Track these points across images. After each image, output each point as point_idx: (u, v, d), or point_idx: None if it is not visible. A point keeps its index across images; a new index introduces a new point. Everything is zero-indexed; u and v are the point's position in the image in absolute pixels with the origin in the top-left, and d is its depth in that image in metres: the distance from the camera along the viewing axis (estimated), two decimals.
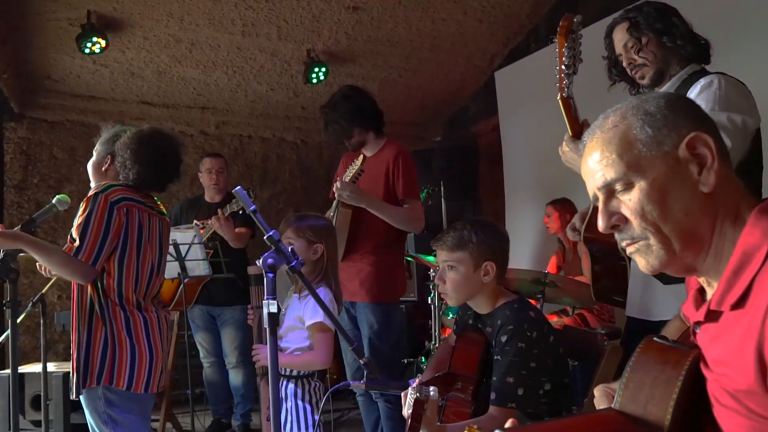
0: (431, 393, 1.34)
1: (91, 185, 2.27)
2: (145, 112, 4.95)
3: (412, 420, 1.32)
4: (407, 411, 1.43)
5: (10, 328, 2.07)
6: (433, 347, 3.53)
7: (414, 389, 1.36)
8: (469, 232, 1.76)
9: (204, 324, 3.89)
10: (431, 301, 3.34)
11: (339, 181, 2.60)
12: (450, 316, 3.34)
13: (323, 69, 4.66)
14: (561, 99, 1.79)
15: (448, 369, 1.76)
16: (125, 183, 2.16)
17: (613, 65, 1.98)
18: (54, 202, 2.26)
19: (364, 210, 2.66)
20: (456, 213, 5.21)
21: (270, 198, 5.58)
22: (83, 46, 3.87)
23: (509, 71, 5.14)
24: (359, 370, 2.75)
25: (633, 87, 1.99)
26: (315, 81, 4.70)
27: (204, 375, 3.99)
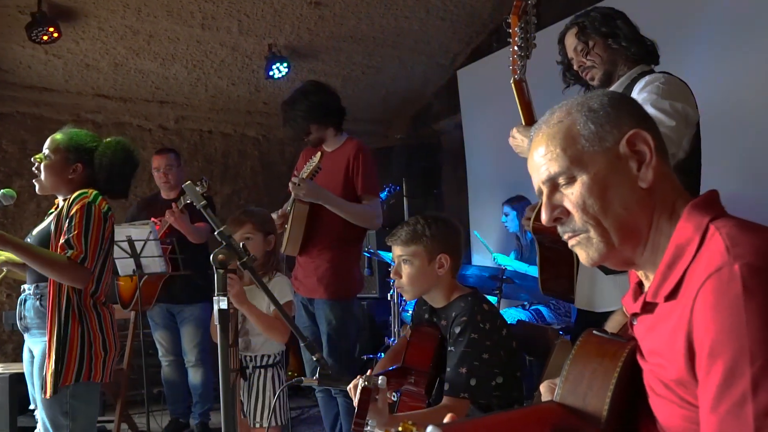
0: (379, 381, 1.35)
1: (41, 187, 2.22)
2: (102, 105, 4.83)
3: (358, 408, 1.32)
4: (355, 400, 1.43)
5: None
6: (393, 343, 3.54)
7: (362, 378, 1.36)
8: (423, 226, 1.78)
9: (163, 322, 3.82)
10: (391, 298, 3.35)
11: (295, 178, 2.59)
12: (410, 312, 3.36)
13: (285, 64, 4.62)
14: (514, 81, 1.84)
15: (402, 363, 1.77)
16: (101, 191, 2.20)
17: (567, 69, 2.05)
18: None
19: (321, 206, 2.65)
20: (418, 210, 5.22)
21: (231, 194, 5.51)
22: (34, 35, 3.74)
23: (472, 70, 5.19)
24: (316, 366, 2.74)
25: (587, 89, 2.05)
26: (276, 76, 4.66)
27: (162, 374, 3.92)
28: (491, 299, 2.47)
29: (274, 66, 4.60)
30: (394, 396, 1.65)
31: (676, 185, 0.99)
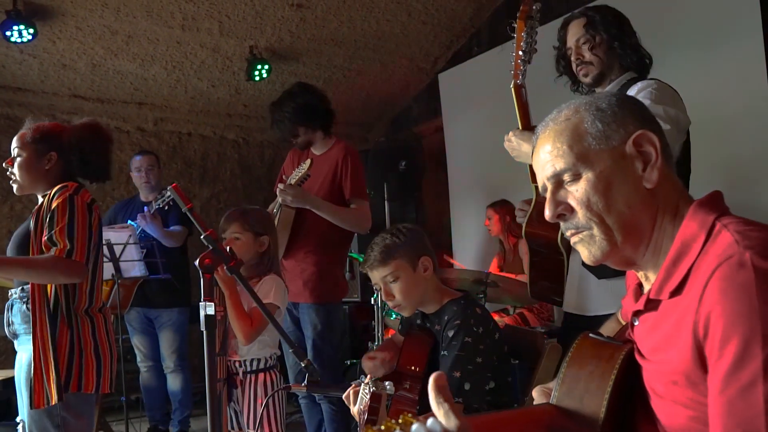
0: (387, 387, 1.33)
1: (19, 187, 2.13)
2: (78, 106, 4.73)
3: (369, 413, 1.29)
4: (359, 406, 1.41)
5: None
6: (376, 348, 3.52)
7: (370, 383, 1.34)
8: (391, 239, 1.78)
9: (141, 327, 3.75)
10: (374, 302, 3.33)
11: (282, 184, 2.55)
12: (393, 316, 3.34)
13: (266, 66, 4.58)
14: (514, 86, 1.82)
15: (395, 368, 1.75)
16: (81, 178, 2.11)
17: (561, 57, 2.02)
18: None
19: (307, 209, 2.63)
20: (398, 214, 5.23)
21: (210, 197, 5.44)
22: (8, 34, 3.65)
23: (452, 74, 5.21)
24: (301, 372, 2.71)
25: (574, 84, 2.05)
26: (257, 78, 4.62)
27: (141, 380, 3.85)
28: None
29: (255, 68, 4.56)
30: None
31: (678, 187, 1.01)
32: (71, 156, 2.10)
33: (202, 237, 1.49)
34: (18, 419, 2.23)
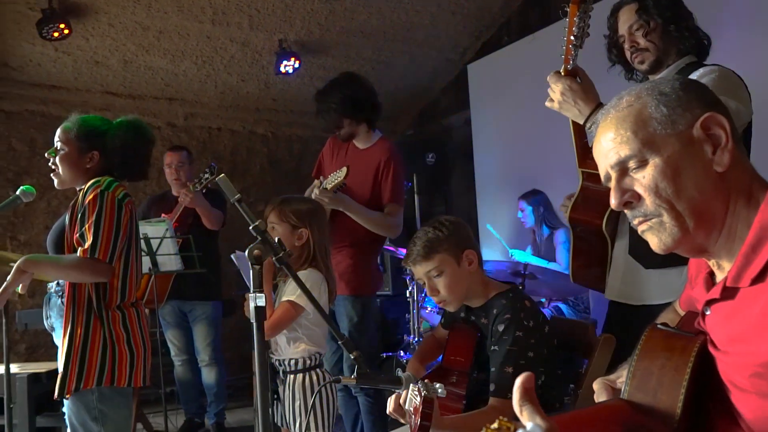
0: (440, 390, 1.29)
1: (59, 181, 2.14)
2: (110, 102, 4.78)
3: (422, 419, 1.26)
4: (408, 407, 1.39)
5: None
6: (413, 341, 3.51)
7: (420, 386, 1.30)
8: (434, 233, 1.73)
9: (175, 321, 3.78)
10: (409, 296, 3.31)
11: (318, 189, 2.51)
12: (429, 309, 3.32)
13: (295, 60, 4.58)
14: (564, 71, 1.74)
15: (441, 363, 1.73)
16: (118, 177, 2.09)
17: (613, 45, 1.93)
18: (18, 193, 2.16)
19: None
20: (427, 207, 5.20)
21: (239, 192, 5.42)
22: (45, 32, 3.70)
23: (481, 64, 5.15)
24: (337, 365, 2.70)
25: (628, 71, 1.97)
26: (287, 72, 4.61)
27: (175, 373, 3.88)
28: None
29: (284, 62, 4.55)
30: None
31: (750, 170, 0.97)
32: (113, 157, 2.10)
33: (251, 227, 1.47)
34: (64, 409, 2.27)
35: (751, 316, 0.88)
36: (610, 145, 0.99)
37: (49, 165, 2.14)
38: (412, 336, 3.45)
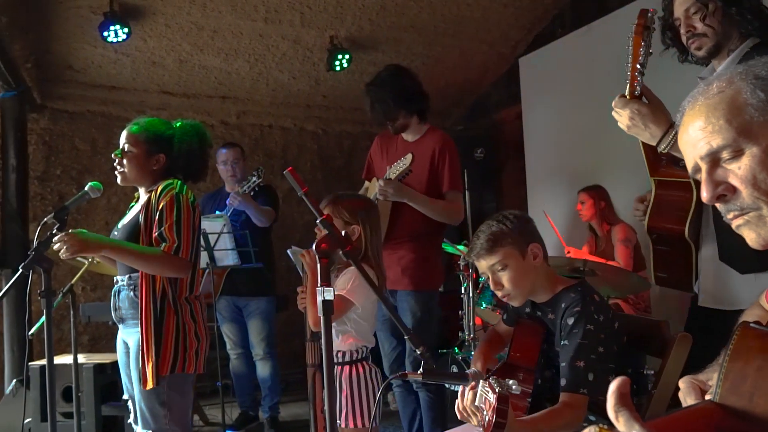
0: (513, 387, 1.25)
1: (123, 179, 2.25)
2: (166, 102, 4.90)
3: (497, 416, 1.23)
4: (478, 403, 1.36)
5: (45, 318, 2.08)
6: (468, 338, 3.46)
7: (493, 382, 1.27)
8: (498, 227, 1.69)
9: (230, 315, 3.85)
10: (464, 292, 3.27)
11: (383, 180, 2.52)
12: (483, 306, 3.27)
13: (346, 56, 4.59)
14: (630, 96, 1.64)
15: (506, 360, 1.69)
16: (183, 178, 2.26)
17: (668, 28, 1.82)
18: (86, 189, 2.23)
19: None
20: (477, 203, 5.13)
21: (290, 188, 5.49)
22: (106, 34, 3.82)
23: (533, 58, 5.04)
24: (397, 360, 2.69)
25: (682, 54, 1.85)
26: (338, 68, 4.63)
27: (231, 367, 3.95)
28: None
29: (335, 58, 4.57)
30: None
31: None
32: (179, 160, 2.27)
33: (318, 221, 1.48)
34: (124, 397, 2.34)
35: None
36: (699, 135, 0.92)
37: (115, 165, 2.26)
38: (467, 333, 3.40)
